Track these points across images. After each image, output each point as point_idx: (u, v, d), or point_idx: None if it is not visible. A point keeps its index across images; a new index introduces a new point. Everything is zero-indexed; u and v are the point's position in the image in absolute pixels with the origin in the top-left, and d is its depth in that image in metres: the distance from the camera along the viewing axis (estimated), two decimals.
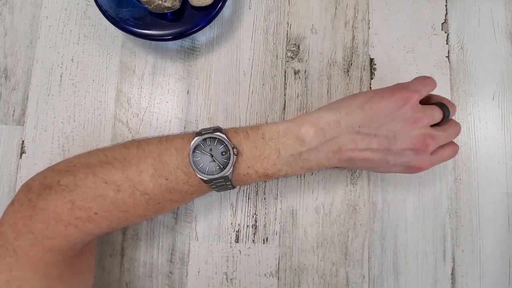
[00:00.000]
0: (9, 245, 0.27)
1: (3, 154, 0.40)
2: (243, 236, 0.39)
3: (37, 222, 0.27)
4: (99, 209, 0.28)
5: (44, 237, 0.27)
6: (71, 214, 0.27)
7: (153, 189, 0.29)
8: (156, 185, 0.29)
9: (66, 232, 0.27)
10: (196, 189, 0.31)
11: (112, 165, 0.29)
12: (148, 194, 0.29)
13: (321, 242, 0.39)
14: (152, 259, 0.39)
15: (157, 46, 0.42)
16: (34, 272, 0.27)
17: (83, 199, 0.27)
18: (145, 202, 0.29)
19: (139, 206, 0.29)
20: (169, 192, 0.29)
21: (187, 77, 0.41)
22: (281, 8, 0.42)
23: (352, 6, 0.42)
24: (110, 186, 0.28)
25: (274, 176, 0.31)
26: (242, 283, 0.38)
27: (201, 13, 0.38)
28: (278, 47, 0.42)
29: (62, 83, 0.41)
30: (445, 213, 0.39)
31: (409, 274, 0.39)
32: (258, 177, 0.31)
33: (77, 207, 0.27)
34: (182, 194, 0.30)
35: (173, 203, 0.31)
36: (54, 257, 0.27)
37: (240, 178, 0.31)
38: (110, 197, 0.28)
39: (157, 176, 0.29)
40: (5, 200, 0.39)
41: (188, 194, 0.31)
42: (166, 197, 0.30)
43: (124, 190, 0.28)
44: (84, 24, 0.42)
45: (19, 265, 0.26)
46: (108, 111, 0.41)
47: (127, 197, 0.28)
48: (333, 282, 0.39)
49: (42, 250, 0.27)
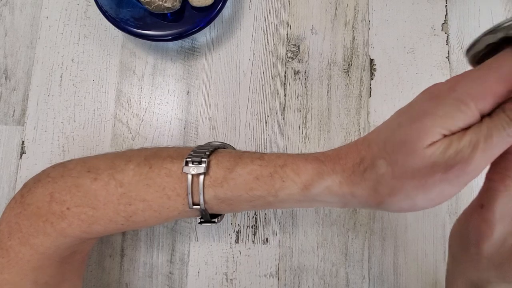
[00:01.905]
0: (3, 244, 0.27)
1: (3, 154, 0.40)
2: (243, 237, 0.39)
3: (24, 218, 0.27)
4: (71, 203, 0.27)
5: (29, 235, 0.26)
6: (48, 208, 0.27)
7: (131, 178, 0.27)
8: (136, 174, 0.27)
9: (45, 230, 0.27)
10: (175, 185, 0.27)
11: (107, 155, 0.28)
12: (123, 186, 0.27)
13: (321, 243, 0.39)
14: (152, 260, 0.39)
15: (157, 46, 0.42)
16: (23, 276, 0.27)
17: (61, 190, 0.27)
18: (117, 198, 0.27)
19: (110, 203, 0.27)
20: (145, 187, 0.26)
21: (187, 78, 0.41)
22: (281, 8, 0.42)
23: (352, 7, 0.42)
24: (90, 175, 0.27)
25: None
26: (242, 283, 0.38)
27: (201, 13, 0.38)
28: (278, 48, 0.42)
29: (62, 83, 0.41)
30: (445, 213, 0.39)
31: (409, 274, 0.39)
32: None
33: (54, 200, 0.27)
34: (158, 192, 0.27)
35: (145, 212, 0.27)
36: (41, 262, 0.27)
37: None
38: (85, 188, 0.27)
39: (143, 164, 0.27)
40: (5, 200, 0.39)
41: (165, 196, 0.27)
42: (140, 196, 0.27)
43: (101, 179, 0.27)
44: (84, 25, 0.42)
45: (10, 266, 0.26)
46: (108, 111, 0.41)
47: (100, 188, 0.27)
48: (333, 283, 0.39)
49: (29, 251, 0.26)
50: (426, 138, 0.20)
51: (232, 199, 0.26)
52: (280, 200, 0.25)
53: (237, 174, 0.26)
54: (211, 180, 0.26)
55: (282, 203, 0.26)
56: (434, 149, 0.20)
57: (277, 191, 0.25)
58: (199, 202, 0.26)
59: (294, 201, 0.26)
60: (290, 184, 0.25)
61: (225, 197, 0.26)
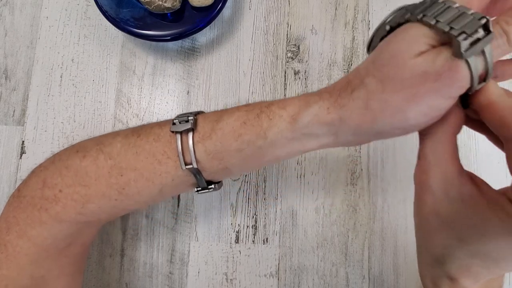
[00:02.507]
0: (2, 240, 0.27)
1: (3, 154, 0.40)
2: (243, 237, 0.39)
3: (21, 211, 0.27)
4: (63, 184, 0.26)
5: (26, 226, 0.27)
6: (41, 195, 0.27)
7: (119, 149, 0.26)
8: (124, 145, 0.26)
9: (41, 218, 0.27)
10: (165, 148, 0.26)
11: (95, 137, 0.28)
12: (113, 158, 0.26)
13: (321, 243, 0.39)
14: (152, 260, 0.39)
15: (157, 46, 0.42)
16: (20, 271, 0.27)
17: (52, 175, 0.27)
18: (108, 171, 0.26)
19: (101, 177, 0.26)
20: (135, 155, 0.26)
21: (187, 78, 0.41)
22: (281, 8, 0.42)
23: (352, 7, 0.42)
24: (78, 154, 0.27)
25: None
26: (242, 283, 0.38)
27: (201, 13, 0.38)
28: (278, 48, 0.42)
29: (62, 83, 0.41)
30: None
31: (409, 274, 0.39)
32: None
33: (46, 185, 0.27)
34: (148, 158, 0.26)
35: (137, 182, 0.26)
36: (38, 254, 0.27)
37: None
38: (75, 167, 0.27)
39: (131, 135, 0.27)
40: (5, 200, 0.39)
41: (156, 162, 0.26)
42: (131, 165, 0.26)
43: (89, 155, 0.27)
44: (84, 25, 0.42)
45: (8, 262, 0.26)
46: (108, 111, 0.41)
47: (90, 163, 0.26)
48: (333, 283, 0.39)
49: (27, 244, 0.27)
50: (414, 47, 0.20)
51: (222, 151, 0.25)
52: (270, 142, 0.24)
53: (224, 123, 0.25)
54: (200, 136, 0.25)
55: (273, 147, 0.25)
56: (423, 59, 0.20)
57: (265, 131, 0.24)
58: (190, 161, 0.25)
59: (285, 140, 0.24)
60: (277, 121, 0.24)
61: (214, 149, 0.25)
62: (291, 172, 0.40)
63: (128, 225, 0.39)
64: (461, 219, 0.20)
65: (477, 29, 0.18)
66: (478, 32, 0.18)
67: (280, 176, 0.40)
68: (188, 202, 0.40)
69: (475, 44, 0.18)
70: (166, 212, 0.39)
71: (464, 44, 0.18)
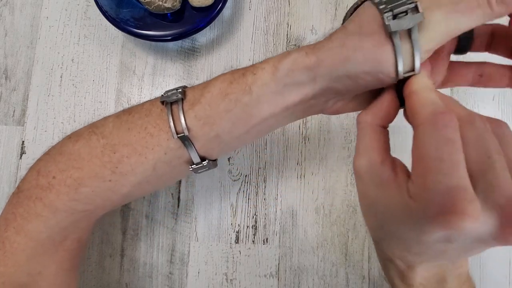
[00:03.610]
0: (0, 237, 0.27)
1: (3, 154, 0.40)
2: (243, 237, 0.39)
3: (19, 206, 0.27)
4: (56, 170, 0.27)
5: (23, 220, 0.27)
6: (36, 184, 0.27)
7: (112, 128, 0.27)
8: (116, 123, 0.27)
9: (36, 210, 0.27)
10: (156, 121, 0.26)
11: (90, 123, 0.29)
12: (105, 137, 0.26)
13: (321, 243, 0.39)
14: (152, 260, 0.39)
15: (157, 46, 0.42)
16: (18, 268, 0.27)
17: (46, 163, 0.27)
18: (101, 151, 0.26)
19: (94, 157, 0.26)
20: (127, 131, 0.26)
21: (187, 78, 0.41)
22: (281, 9, 0.42)
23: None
24: (71, 139, 0.27)
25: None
26: (242, 283, 0.38)
27: (201, 13, 0.38)
28: (278, 48, 0.42)
29: (62, 83, 0.41)
30: None
31: None
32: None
33: (41, 174, 0.27)
34: (140, 133, 0.26)
35: (130, 158, 0.26)
36: (35, 250, 0.27)
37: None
38: (68, 151, 0.27)
39: (122, 114, 0.27)
40: (5, 200, 0.39)
41: (148, 135, 0.26)
42: (123, 140, 0.26)
43: (82, 138, 0.27)
44: (84, 25, 0.42)
45: (5, 259, 0.27)
46: (108, 111, 0.41)
47: (82, 146, 0.27)
48: (333, 283, 0.39)
49: (24, 239, 0.27)
50: (372, 26, 0.21)
51: (211, 115, 0.25)
52: (256, 98, 0.25)
53: (212, 86, 0.26)
54: (189, 103, 0.26)
55: (259, 103, 0.25)
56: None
57: (250, 86, 0.25)
58: (182, 131, 0.25)
59: (269, 94, 0.25)
60: (261, 74, 0.24)
61: (204, 114, 0.25)
62: (291, 172, 0.40)
63: (128, 225, 0.39)
64: (379, 203, 0.21)
65: (403, 6, 0.20)
66: (403, 6, 0.20)
67: (280, 176, 0.40)
68: (188, 202, 0.40)
69: (400, 19, 0.20)
70: (166, 212, 0.39)
71: (387, 16, 0.20)
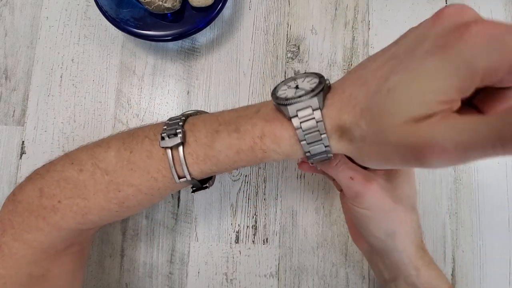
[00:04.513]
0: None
1: (3, 154, 0.40)
2: (243, 237, 0.39)
3: (16, 215, 0.27)
4: (62, 196, 0.27)
5: (22, 231, 0.27)
6: (39, 204, 0.27)
7: (115, 165, 0.27)
8: (119, 161, 0.27)
9: (38, 225, 0.27)
10: (158, 166, 0.27)
11: (87, 146, 0.29)
12: (109, 173, 0.27)
13: (321, 243, 0.39)
14: (152, 260, 0.39)
15: (157, 46, 0.42)
16: (18, 270, 0.27)
17: (49, 185, 0.27)
18: (105, 187, 0.27)
19: (99, 192, 0.27)
20: (130, 172, 0.27)
21: (187, 78, 0.41)
22: (281, 9, 0.42)
23: (352, 7, 0.42)
24: (74, 167, 0.27)
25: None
26: (242, 283, 0.38)
27: (201, 13, 0.38)
28: (278, 48, 0.42)
29: (62, 83, 0.41)
30: (445, 214, 0.39)
31: None
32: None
33: (44, 195, 0.27)
34: (143, 176, 0.27)
35: (136, 196, 0.27)
36: (36, 256, 0.27)
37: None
38: (73, 180, 0.27)
39: (123, 149, 0.27)
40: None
41: (152, 179, 0.27)
42: (127, 181, 0.27)
43: (86, 170, 0.27)
44: (84, 25, 0.42)
45: (5, 262, 0.27)
46: (108, 111, 0.41)
47: (88, 178, 0.27)
48: (333, 283, 0.39)
49: (23, 246, 0.27)
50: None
51: (218, 171, 0.27)
52: (263, 161, 0.27)
53: (217, 151, 0.26)
54: (193, 158, 0.26)
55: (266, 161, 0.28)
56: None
57: (260, 160, 0.26)
58: (184, 175, 0.26)
59: (278, 158, 0.27)
60: (271, 154, 0.26)
61: (211, 171, 0.27)
62: (291, 172, 0.40)
63: (128, 226, 0.39)
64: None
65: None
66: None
67: (280, 177, 0.40)
68: (188, 203, 0.40)
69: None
70: (166, 212, 0.39)
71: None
